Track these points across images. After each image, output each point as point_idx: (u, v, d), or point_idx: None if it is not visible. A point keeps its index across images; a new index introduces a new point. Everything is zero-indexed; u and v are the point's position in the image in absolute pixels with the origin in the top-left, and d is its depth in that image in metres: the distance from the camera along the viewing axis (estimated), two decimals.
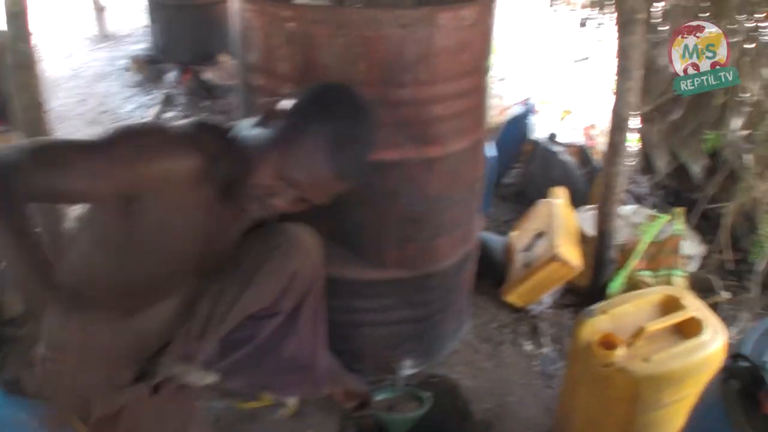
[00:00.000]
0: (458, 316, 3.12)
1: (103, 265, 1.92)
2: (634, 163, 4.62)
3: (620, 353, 2.25)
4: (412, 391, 2.86)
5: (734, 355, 1.73)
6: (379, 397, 2.85)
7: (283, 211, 1.94)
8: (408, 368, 2.94)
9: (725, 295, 3.27)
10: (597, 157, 4.27)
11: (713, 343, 2.28)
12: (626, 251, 3.43)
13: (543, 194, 3.81)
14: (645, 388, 2.23)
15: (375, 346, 2.89)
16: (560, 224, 3.40)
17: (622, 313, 2.45)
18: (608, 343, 2.28)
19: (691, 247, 3.64)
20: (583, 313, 2.46)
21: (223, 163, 1.85)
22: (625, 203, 3.83)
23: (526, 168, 4.60)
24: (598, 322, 2.40)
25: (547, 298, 3.47)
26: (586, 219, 3.58)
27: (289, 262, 2.15)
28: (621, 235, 3.44)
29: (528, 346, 3.28)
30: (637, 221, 3.59)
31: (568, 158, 4.25)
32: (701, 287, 3.31)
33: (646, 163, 4.50)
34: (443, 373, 3.10)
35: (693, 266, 3.62)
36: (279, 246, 2.14)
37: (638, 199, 4.26)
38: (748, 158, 3.45)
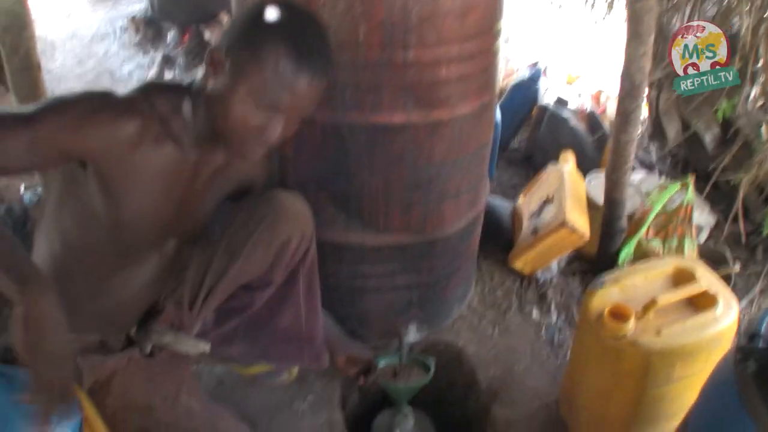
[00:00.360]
0: (464, 282, 3.07)
1: (72, 230, 1.87)
2: (643, 128, 4.57)
3: (631, 326, 2.21)
4: (417, 358, 2.83)
5: (751, 334, 1.67)
6: (383, 363, 2.82)
7: (281, 142, 1.84)
8: (413, 334, 2.90)
9: (736, 267, 3.22)
10: (607, 123, 4.20)
11: (726, 318, 2.23)
12: (636, 219, 3.39)
13: (551, 160, 3.76)
14: (656, 362, 2.18)
15: (380, 312, 2.84)
16: (569, 190, 3.33)
17: (632, 284, 2.40)
18: (619, 315, 2.23)
19: (702, 217, 3.60)
20: (593, 283, 2.42)
21: (181, 120, 1.81)
22: (634, 170, 3.78)
23: (534, 133, 4.53)
24: (608, 293, 2.36)
25: (554, 265, 3.42)
26: (596, 186, 3.53)
27: (278, 232, 2.09)
28: (631, 203, 3.39)
29: (535, 314, 3.24)
30: (647, 189, 3.53)
31: (578, 124, 4.18)
32: (712, 258, 3.25)
33: (656, 131, 4.44)
34: (449, 340, 3.08)
35: (703, 236, 3.58)
36: (267, 215, 2.08)
37: (647, 167, 4.20)
38: (764, 128, 3.38)
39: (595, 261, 3.44)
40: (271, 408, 2.77)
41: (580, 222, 3.19)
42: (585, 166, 3.76)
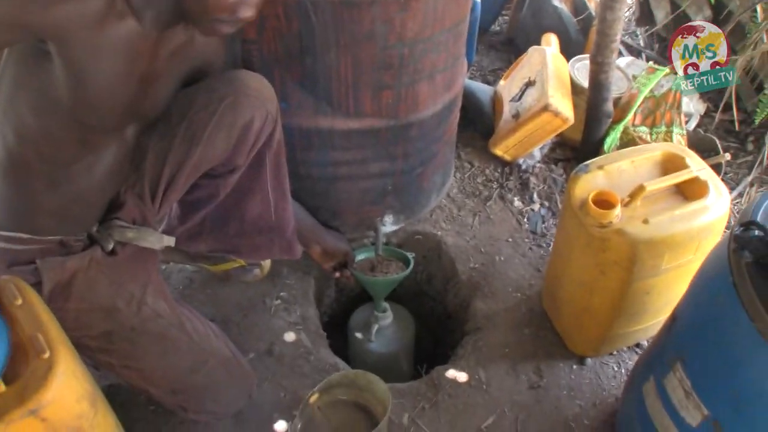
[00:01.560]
0: (442, 169, 2.94)
1: (28, 118, 1.72)
2: (630, 12, 4.44)
3: (617, 213, 2.10)
4: (396, 252, 2.75)
5: (747, 223, 1.56)
6: (361, 257, 2.75)
7: (254, 19, 1.72)
8: (389, 224, 2.82)
9: (726, 156, 3.11)
10: (592, 5, 4.03)
11: (718, 207, 2.12)
12: (622, 104, 3.26)
13: (533, 44, 3.58)
14: (643, 252, 2.08)
15: (353, 202, 2.73)
16: (552, 73, 3.17)
17: (619, 169, 2.28)
18: (604, 202, 2.13)
19: (691, 104, 3.48)
20: (578, 168, 2.30)
21: None
22: (620, 55, 3.65)
23: (516, 15, 4.35)
24: (594, 179, 2.25)
25: (537, 151, 3.29)
26: (580, 69, 3.39)
27: (241, 112, 1.98)
28: (617, 87, 3.25)
29: (517, 203, 3.14)
30: (634, 73, 3.39)
31: (562, 5, 4.00)
32: (701, 147, 3.15)
33: (644, 14, 4.30)
34: (427, 230, 3.00)
35: (692, 124, 3.47)
36: (227, 95, 1.96)
37: (634, 54, 4.08)
38: (759, 9, 3.23)
39: (579, 148, 3.32)
40: (244, 305, 2.72)
41: (564, 105, 3.04)
42: (569, 51, 3.59)
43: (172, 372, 2.09)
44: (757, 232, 1.52)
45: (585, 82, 3.20)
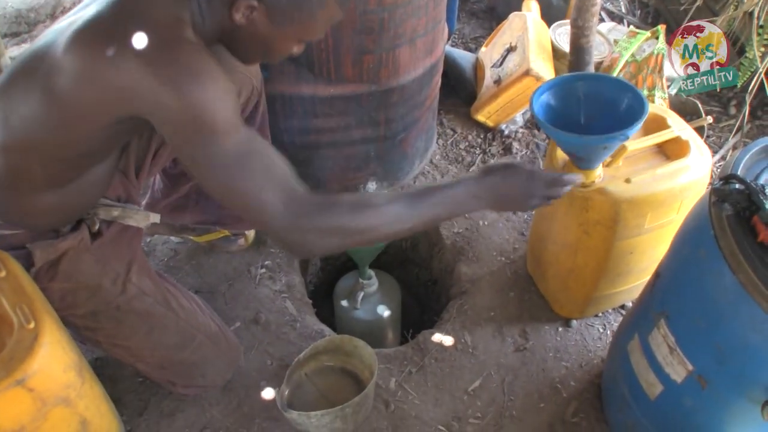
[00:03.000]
0: (424, 135, 2.94)
1: (47, 145, 1.67)
2: None
3: (599, 173, 2.10)
4: None
5: (726, 176, 1.56)
6: None
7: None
8: (373, 191, 2.80)
9: (709, 119, 3.11)
10: None
11: (700, 166, 2.12)
12: (604, 68, 3.26)
13: (515, 11, 3.56)
14: (625, 211, 2.08)
15: (336, 169, 2.73)
16: (533, 38, 3.17)
17: None
18: None
19: (673, 69, 3.47)
20: None
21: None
22: (602, 21, 3.64)
23: None
24: None
25: (519, 116, 3.29)
26: (561, 34, 3.38)
27: None
28: (598, 51, 3.24)
29: None
30: (615, 38, 3.38)
31: None
32: (683, 111, 3.14)
33: None
34: None
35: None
36: None
37: (616, 19, 4.06)
38: None
39: None
40: (229, 275, 2.72)
41: (545, 70, 3.04)
42: (550, 17, 3.58)
43: (160, 349, 2.09)
44: (737, 185, 1.52)
45: (566, 47, 3.19)
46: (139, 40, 1.43)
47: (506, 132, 3.25)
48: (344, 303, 2.76)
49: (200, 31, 1.59)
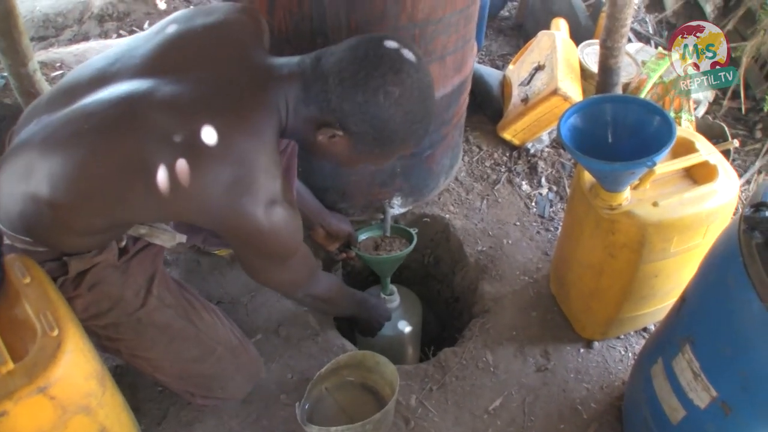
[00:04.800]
0: (451, 152, 2.93)
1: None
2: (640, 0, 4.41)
3: (626, 196, 2.09)
4: (399, 229, 2.74)
5: (757, 204, 1.55)
6: (364, 236, 2.74)
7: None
8: (397, 207, 2.81)
9: (735, 142, 3.09)
10: None
11: (728, 191, 2.11)
12: (631, 90, 3.24)
13: (543, 28, 3.56)
14: (652, 234, 2.07)
15: (362, 184, 2.72)
16: (562, 57, 3.16)
17: None
18: None
19: (700, 90, 3.45)
20: None
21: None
22: (629, 42, 3.62)
23: (525, 0, 4.32)
24: None
25: (545, 135, 3.27)
26: (589, 54, 3.37)
27: None
28: (626, 72, 3.23)
29: (525, 186, 3.12)
30: (643, 59, 3.37)
31: None
32: (709, 133, 3.12)
33: (653, 0, 4.27)
34: (435, 213, 2.98)
35: (701, 111, 3.45)
36: None
37: (643, 40, 4.05)
38: None
39: None
40: (251, 287, 2.71)
41: (573, 89, 3.03)
42: (578, 36, 3.58)
43: (179, 361, 2.10)
44: (767, 213, 1.51)
45: (594, 67, 3.19)
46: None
47: (532, 151, 3.24)
48: None
49: (283, 127, 1.73)
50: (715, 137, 3.13)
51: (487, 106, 3.42)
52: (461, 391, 2.38)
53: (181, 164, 1.50)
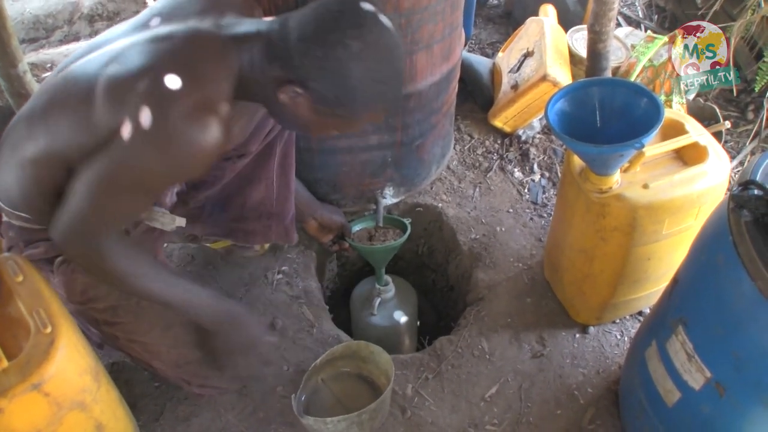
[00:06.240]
0: (441, 141, 2.93)
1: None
2: None
3: (617, 179, 2.10)
4: (393, 219, 2.74)
5: (745, 182, 1.55)
6: (358, 227, 2.74)
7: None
8: (389, 197, 2.81)
9: (726, 124, 3.09)
10: None
11: (718, 172, 2.11)
12: (621, 74, 3.24)
13: (531, 16, 3.55)
14: (643, 216, 2.07)
15: (353, 175, 2.72)
16: (550, 43, 3.16)
17: None
18: None
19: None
20: None
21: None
22: (619, 26, 3.62)
23: None
24: None
25: (536, 122, 3.27)
26: (578, 39, 3.37)
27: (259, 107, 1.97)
28: (615, 56, 3.23)
29: (517, 174, 3.12)
30: (632, 43, 3.37)
31: None
32: (701, 116, 3.12)
33: None
34: (428, 202, 2.98)
35: (692, 94, 3.44)
36: None
37: (633, 24, 4.05)
38: None
39: None
40: (246, 280, 2.72)
41: (562, 75, 3.03)
42: (567, 22, 3.57)
43: (177, 346, 2.10)
44: (756, 191, 1.51)
45: (583, 53, 3.18)
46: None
47: (523, 137, 3.24)
48: (361, 309, 2.76)
49: (244, 86, 1.69)
50: (707, 119, 3.13)
51: (477, 95, 3.42)
52: (457, 379, 2.38)
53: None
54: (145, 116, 1.52)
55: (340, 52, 1.56)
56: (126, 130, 1.53)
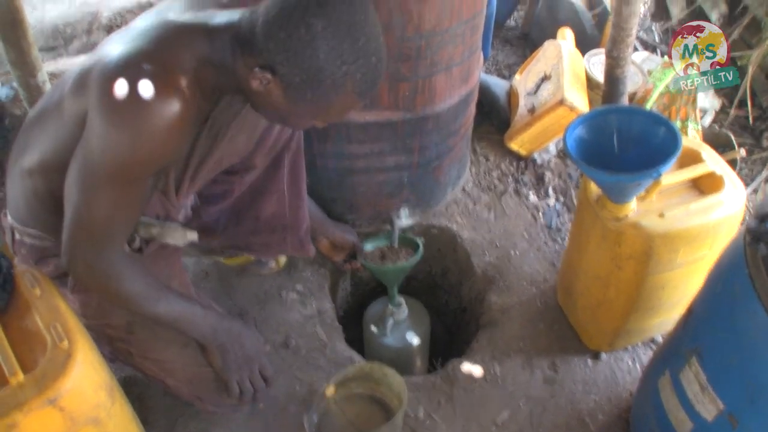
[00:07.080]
0: (458, 163, 2.94)
1: None
2: (645, 7, 4.41)
3: (633, 207, 2.10)
4: (405, 238, 2.74)
5: (762, 215, 1.55)
6: (370, 246, 2.74)
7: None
8: (405, 218, 2.82)
9: (742, 151, 3.09)
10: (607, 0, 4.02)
11: (734, 202, 2.11)
12: (638, 99, 3.25)
13: (549, 38, 3.56)
14: (658, 245, 2.07)
15: (369, 195, 2.73)
16: (568, 67, 3.16)
17: None
18: None
19: (706, 100, 3.45)
20: None
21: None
22: (635, 51, 3.62)
23: (532, 9, 4.33)
24: None
25: (552, 146, 3.28)
26: (596, 63, 3.38)
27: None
28: (632, 82, 3.24)
29: (532, 197, 3.12)
30: (649, 68, 3.38)
31: (576, 0, 3.98)
32: (716, 143, 3.12)
33: (659, 9, 4.27)
34: (442, 224, 2.98)
35: (707, 120, 3.45)
36: None
37: (649, 49, 4.05)
38: None
39: None
40: (260, 298, 2.72)
41: (579, 100, 3.03)
42: (584, 46, 3.58)
43: (192, 365, 2.10)
44: None
45: (600, 77, 3.19)
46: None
47: (539, 161, 3.24)
48: (373, 329, 2.76)
49: (222, 77, 1.67)
50: (722, 146, 3.13)
51: (494, 116, 3.43)
52: (469, 403, 2.38)
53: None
54: (102, 95, 1.53)
55: (302, 32, 1.52)
56: (89, 115, 1.57)
